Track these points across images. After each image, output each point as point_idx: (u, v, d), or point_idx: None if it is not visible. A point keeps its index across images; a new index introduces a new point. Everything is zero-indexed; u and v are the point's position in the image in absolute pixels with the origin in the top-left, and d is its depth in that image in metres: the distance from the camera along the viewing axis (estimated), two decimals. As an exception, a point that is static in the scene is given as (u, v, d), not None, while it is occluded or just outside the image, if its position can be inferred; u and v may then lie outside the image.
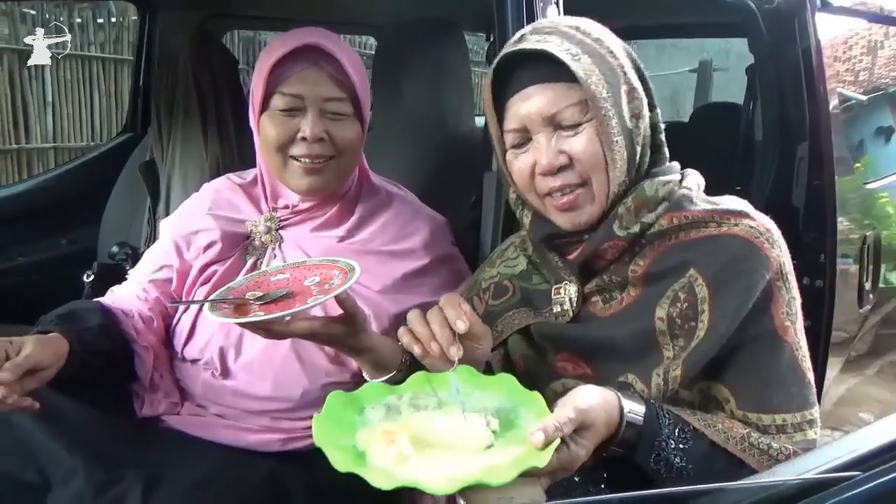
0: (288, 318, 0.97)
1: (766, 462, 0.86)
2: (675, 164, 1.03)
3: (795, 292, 0.95)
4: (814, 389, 0.93)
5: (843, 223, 1.77)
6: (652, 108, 0.99)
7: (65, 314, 1.17)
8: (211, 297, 1.07)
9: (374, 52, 1.93)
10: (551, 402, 0.83)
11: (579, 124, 0.94)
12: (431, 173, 1.58)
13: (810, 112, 1.72)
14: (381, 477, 0.76)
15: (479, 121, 1.94)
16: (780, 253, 0.94)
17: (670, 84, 8.00)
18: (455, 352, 0.88)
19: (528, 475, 0.75)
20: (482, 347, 0.93)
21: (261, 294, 1.04)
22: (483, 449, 0.80)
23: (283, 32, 1.28)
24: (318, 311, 1.06)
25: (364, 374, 1.08)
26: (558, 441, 0.75)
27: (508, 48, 0.98)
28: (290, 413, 1.20)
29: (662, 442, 0.85)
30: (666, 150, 1.02)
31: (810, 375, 0.93)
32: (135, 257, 1.89)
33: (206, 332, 1.25)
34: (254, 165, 1.85)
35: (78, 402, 1.14)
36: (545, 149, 0.94)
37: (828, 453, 0.55)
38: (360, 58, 1.30)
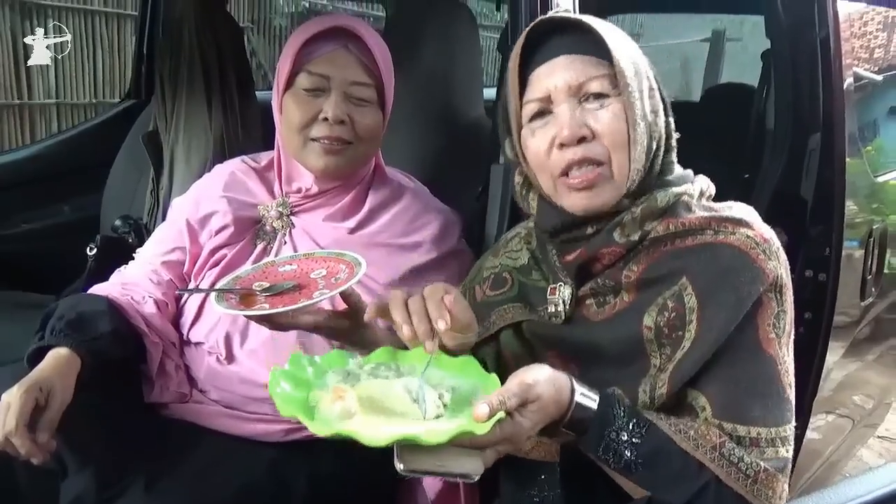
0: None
1: (733, 474, 0.85)
2: (689, 173, 1.02)
3: (788, 307, 0.93)
4: (792, 406, 0.91)
5: (848, 206, 1.75)
6: (667, 114, 0.98)
7: (74, 320, 1.13)
8: (218, 287, 1.08)
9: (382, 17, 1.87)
10: None
11: (606, 96, 0.92)
12: (437, 162, 1.56)
13: (825, 103, 1.68)
14: (322, 426, 0.77)
15: (488, 93, 1.90)
16: (777, 265, 0.92)
17: (682, 53, 7.90)
18: (431, 346, 0.87)
19: (473, 447, 0.77)
20: (468, 339, 0.93)
21: (267, 285, 1.04)
22: (431, 418, 0.81)
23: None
24: (325, 304, 1.07)
25: (367, 369, 1.08)
26: (502, 414, 0.77)
27: (541, 17, 0.96)
28: (292, 402, 1.21)
29: (613, 433, 0.85)
30: (675, 155, 1.00)
31: (791, 392, 0.92)
32: (137, 230, 1.89)
33: (213, 316, 1.25)
34: (258, 138, 1.85)
35: (90, 390, 1.15)
36: (568, 119, 0.92)
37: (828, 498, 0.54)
38: (388, 50, 1.29)
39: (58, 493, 1.10)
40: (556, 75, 0.93)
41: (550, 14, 0.96)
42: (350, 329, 1.04)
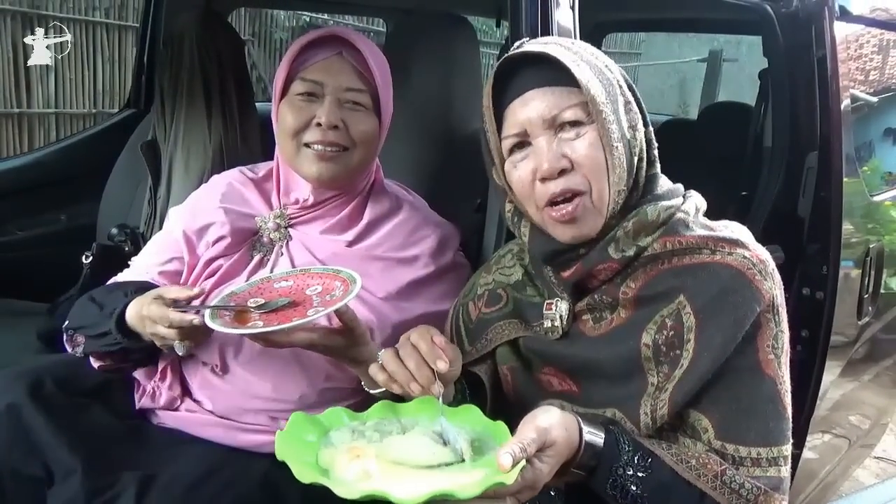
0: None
1: (734, 501, 0.88)
2: (679, 187, 1.02)
3: (784, 326, 0.95)
4: (790, 425, 0.93)
5: (845, 225, 1.76)
6: (645, 124, 0.98)
7: (134, 290, 1.17)
8: (213, 304, 1.07)
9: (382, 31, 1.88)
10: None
11: (581, 124, 0.93)
12: (436, 175, 1.57)
13: (822, 123, 1.69)
14: (345, 488, 0.76)
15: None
16: (773, 285, 0.93)
17: (679, 72, 7.96)
18: (437, 389, 0.89)
19: (496, 496, 0.78)
20: (453, 369, 0.94)
21: (262, 302, 1.04)
22: (452, 465, 0.82)
23: (292, 10, 1.30)
24: (322, 321, 1.06)
25: (363, 384, 1.08)
26: (524, 462, 0.78)
27: (508, 53, 0.97)
28: (287, 414, 1.19)
29: (620, 468, 0.86)
30: (658, 166, 1.01)
31: (789, 411, 0.94)
32: (134, 238, 1.89)
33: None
34: (257, 149, 1.86)
35: (80, 397, 1.14)
36: (546, 152, 0.93)
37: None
38: (385, 60, 1.29)
39: (45, 502, 1.09)
40: (529, 109, 0.94)
41: (515, 49, 0.97)
42: (345, 347, 1.04)
